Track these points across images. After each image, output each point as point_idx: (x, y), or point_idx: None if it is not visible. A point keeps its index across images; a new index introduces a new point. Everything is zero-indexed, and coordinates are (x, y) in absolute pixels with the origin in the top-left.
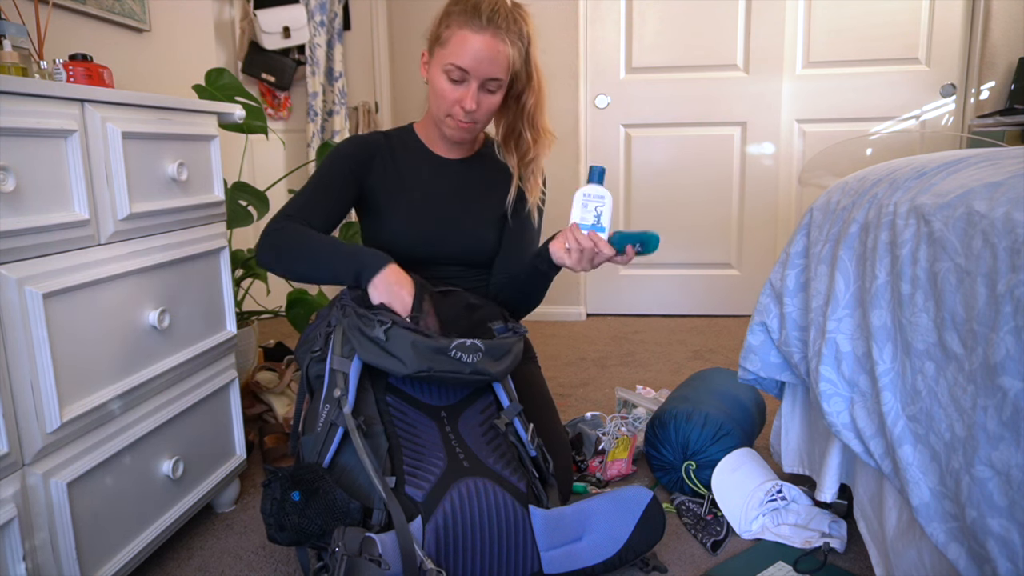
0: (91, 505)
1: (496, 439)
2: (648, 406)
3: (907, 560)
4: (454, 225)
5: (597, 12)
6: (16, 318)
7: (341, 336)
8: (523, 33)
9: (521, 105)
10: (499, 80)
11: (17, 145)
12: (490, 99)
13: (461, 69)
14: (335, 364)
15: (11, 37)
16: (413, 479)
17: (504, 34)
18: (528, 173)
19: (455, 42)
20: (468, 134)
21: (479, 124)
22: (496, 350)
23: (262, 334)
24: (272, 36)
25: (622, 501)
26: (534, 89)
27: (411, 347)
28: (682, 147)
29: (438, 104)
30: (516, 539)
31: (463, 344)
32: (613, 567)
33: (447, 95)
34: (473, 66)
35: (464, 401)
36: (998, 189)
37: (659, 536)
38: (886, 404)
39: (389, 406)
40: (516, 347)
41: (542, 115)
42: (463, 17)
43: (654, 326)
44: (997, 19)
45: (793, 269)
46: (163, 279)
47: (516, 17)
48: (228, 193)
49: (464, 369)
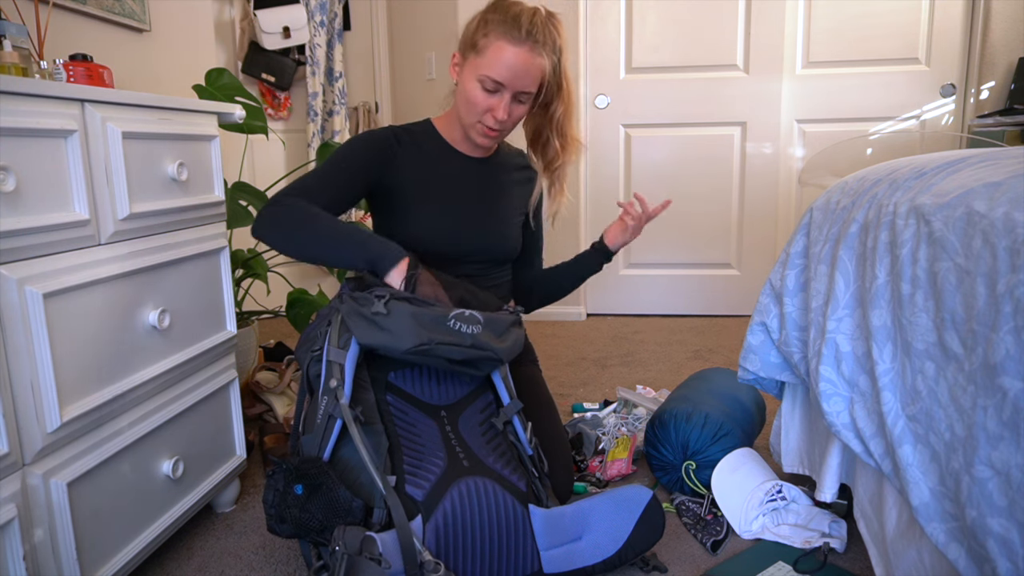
0: (91, 505)
1: (496, 438)
2: (648, 406)
3: (907, 560)
4: (480, 223)
5: (597, 12)
6: (16, 318)
7: (338, 326)
8: (556, 45)
9: (550, 114)
10: (530, 92)
11: (17, 145)
12: (519, 109)
13: (496, 81)
14: (331, 356)
15: (11, 37)
16: (413, 478)
17: (541, 47)
18: (555, 179)
19: (492, 52)
20: (494, 141)
21: (506, 132)
22: (495, 324)
23: (262, 334)
24: (272, 36)
25: (622, 500)
26: (564, 99)
27: (411, 318)
28: (682, 147)
29: (468, 110)
30: (516, 538)
31: (461, 314)
32: (613, 566)
33: (479, 103)
34: (509, 79)
35: (464, 400)
36: (998, 189)
37: (659, 535)
38: (886, 404)
39: (390, 405)
40: (517, 329)
41: (571, 123)
42: (502, 28)
43: (654, 326)
44: (997, 19)
45: (793, 269)
46: (163, 279)
47: (551, 28)
48: (228, 193)
49: (464, 340)
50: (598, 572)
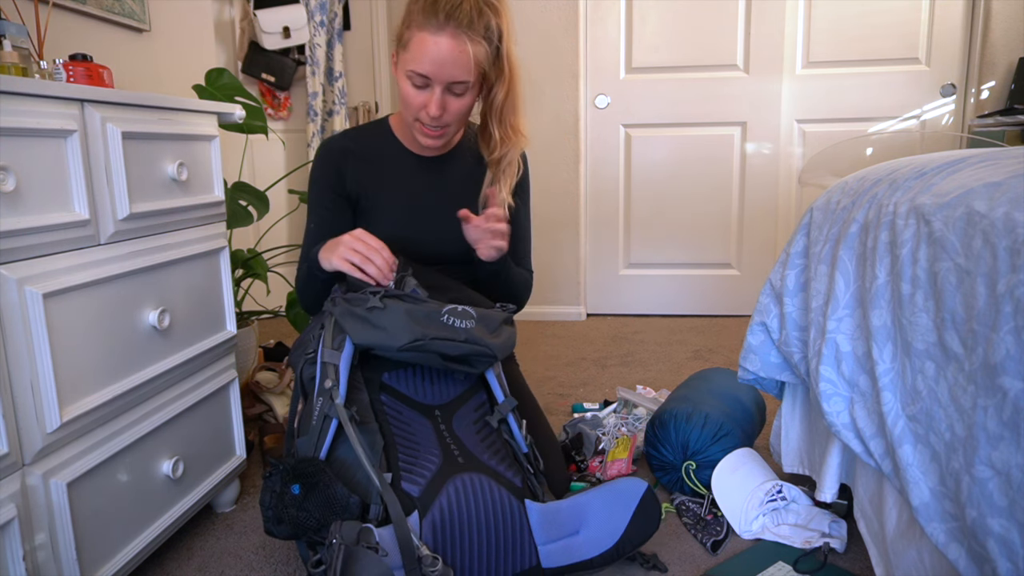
0: (91, 505)
1: (491, 436)
2: (648, 406)
3: (907, 560)
4: (432, 226)
5: (597, 12)
6: (16, 318)
7: (332, 328)
8: (492, 27)
9: (491, 100)
10: (465, 83)
11: (17, 145)
12: (458, 102)
13: (422, 75)
14: (326, 357)
15: (11, 37)
16: (409, 475)
17: (466, 31)
18: (497, 174)
19: (415, 45)
20: (439, 140)
21: (451, 127)
22: (488, 320)
23: (262, 334)
24: (272, 36)
25: (617, 493)
26: (504, 83)
27: (405, 314)
28: (682, 147)
29: (405, 110)
30: (513, 533)
31: (455, 309)
32: (611, 559)
33: (412, 101)
34: (434, 71)
35: (458, 400)
36: (998, 189)
37: (655, 526)
38: (886, 404)
39: (384, 405)
40: (509, 327)
41: (515, 113)
42: (422, 17)
43: (654, 326)
44: (997, 19)
45: (793, 269)
46: (163, 279)
47: (482, 10)
48: (228, 193)
49: (458, 335)
50: (596, 566)
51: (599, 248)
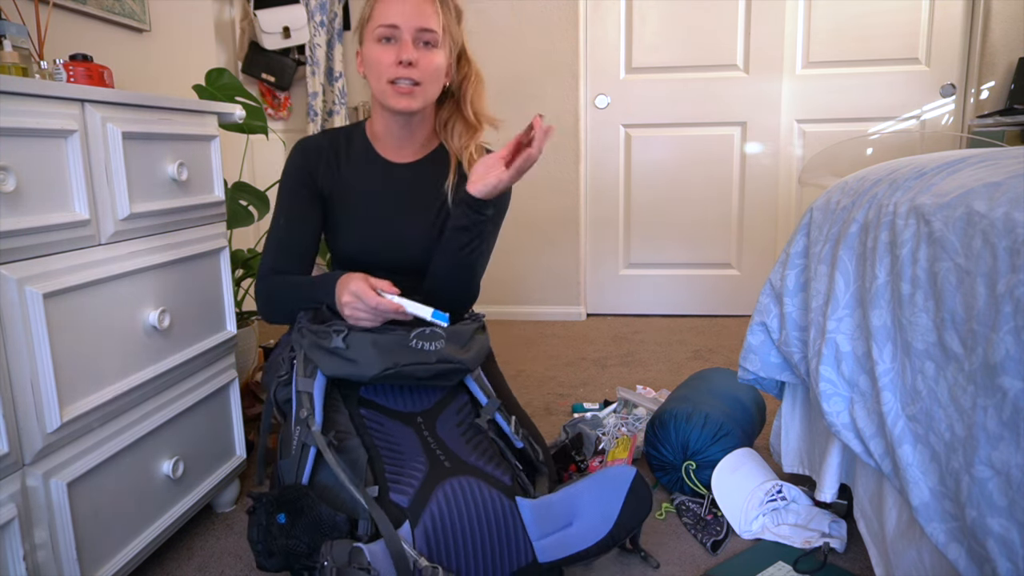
0: (91, 505)
1: (476, 436)
2: (648, 406)
3: (907, 560)
4: (398, 237)
5: (597, 12)
6: (16, 318)
7: (303, 358)
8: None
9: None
10: (433, 32)
11: (17, 145)
12: (429, 56)
13: (390, 26)
14: (300, 386)
15: (11, 37)
16: (397, 485)
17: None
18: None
19: (378, 9)
20: (413, 100)
21: (424, 86)
22: (458, 336)
23: (262, 334)
24: (272, 36)
25: (607, 480)
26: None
27: (372, 346)
28: (682, 147)
29: (378, 76)
30: (507, 532)
31: (422, 332)
32: (607, 547)
33: (383, 59)
34: (402, 19)
35: (439, 405)
36: (998, 189)
37: (647, 509)
38: (886, 404)
39: (364, 419)
40: (480, 336)
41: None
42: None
43: (654, 326)
44: (997, 19)
45: (793, 269)
46: (163, 279)
47: None
48: (228, 193)
49: (429, 358)
50: (592, 555)
51: (599, 248)
